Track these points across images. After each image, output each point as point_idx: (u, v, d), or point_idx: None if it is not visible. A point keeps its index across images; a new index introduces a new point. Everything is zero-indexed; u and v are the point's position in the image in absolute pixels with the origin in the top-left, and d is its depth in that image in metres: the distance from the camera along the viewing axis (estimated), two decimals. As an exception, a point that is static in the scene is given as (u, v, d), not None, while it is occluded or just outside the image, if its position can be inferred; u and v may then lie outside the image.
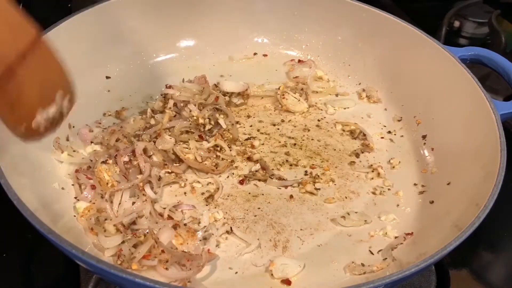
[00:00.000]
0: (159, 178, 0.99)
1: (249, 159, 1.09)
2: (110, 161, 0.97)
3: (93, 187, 0.95)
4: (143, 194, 0.94)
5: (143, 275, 0.71)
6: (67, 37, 1.10)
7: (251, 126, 1.18)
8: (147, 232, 0.87)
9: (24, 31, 0.87)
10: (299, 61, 1.35)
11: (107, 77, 1.21)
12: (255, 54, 1.38)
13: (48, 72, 0.90)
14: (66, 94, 0.90)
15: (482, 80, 1.06)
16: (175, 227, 0.89)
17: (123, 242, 0.87)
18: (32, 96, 0.87)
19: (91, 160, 1.02)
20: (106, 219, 0.90)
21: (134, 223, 0.90)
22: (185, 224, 0.92)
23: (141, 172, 0.97)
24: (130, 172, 0.97)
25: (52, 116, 0.87)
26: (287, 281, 0.87)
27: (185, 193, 1.01)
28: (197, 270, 0.84)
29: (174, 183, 1.02)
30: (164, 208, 0.94)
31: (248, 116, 1.20)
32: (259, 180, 1.05)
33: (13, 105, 0.84)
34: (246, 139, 1.14)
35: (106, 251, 0.87)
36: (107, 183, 0.93)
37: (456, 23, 1.66)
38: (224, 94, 1.19)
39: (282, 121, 1.20)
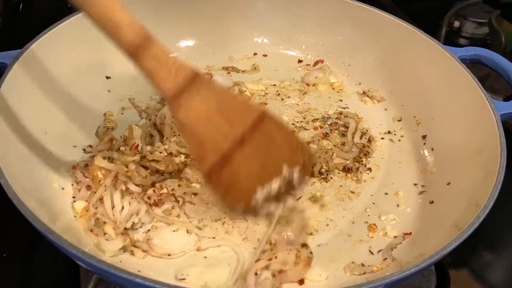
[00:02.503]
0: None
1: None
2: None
3: (88, 187, 0.95)
4: (130, 192, 0.94)
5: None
6: (67, 37, 1.10)
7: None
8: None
9: (246, 114, 0.83)
10: (316, 63, 1.35)
11: (107, 77, 1.21)
12: (255, 54, 1.38)
13: (271, 150, 0.85)
14: (293, 166, 0.83)
15: (482, 80, 1.06)
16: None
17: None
18: (249, 178, 0.83)
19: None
20: (105, 222, 0.90)
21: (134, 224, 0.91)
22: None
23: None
24: None
25: (274, 192, 0.83)
26: (287, 281, 0.87)
27: (179, 184, 0.98)
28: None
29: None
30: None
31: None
32: None
33: (228, 188, 0.82)
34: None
35: (106, 252, 0.87)
36: (100, 181, 0.93)
37: (456, 23, 1.66)
38: None
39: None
